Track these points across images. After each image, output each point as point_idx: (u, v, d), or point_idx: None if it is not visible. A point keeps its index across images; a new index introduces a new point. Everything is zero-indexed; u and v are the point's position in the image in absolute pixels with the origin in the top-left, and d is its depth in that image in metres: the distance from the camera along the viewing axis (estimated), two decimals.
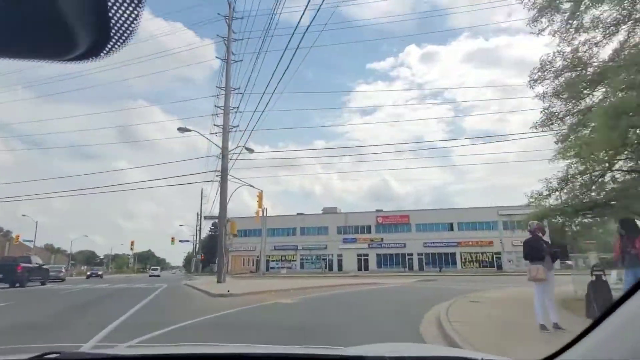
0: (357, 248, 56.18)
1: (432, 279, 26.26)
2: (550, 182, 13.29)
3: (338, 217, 58.96)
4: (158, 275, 54.77)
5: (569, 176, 11.81)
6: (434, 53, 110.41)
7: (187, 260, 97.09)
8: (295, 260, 58.53)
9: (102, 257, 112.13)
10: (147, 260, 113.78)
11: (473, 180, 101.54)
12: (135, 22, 0.52)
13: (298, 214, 61.82)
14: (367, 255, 55.84)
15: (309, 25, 13.59)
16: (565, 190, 12.91)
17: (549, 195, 12.22)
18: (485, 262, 51.50)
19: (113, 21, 0.51)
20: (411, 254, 54.08)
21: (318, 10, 12.64)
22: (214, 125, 23.27)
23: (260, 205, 25.10)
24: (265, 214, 49.93)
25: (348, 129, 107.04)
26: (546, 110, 11.77)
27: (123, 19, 0.51)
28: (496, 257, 51.28)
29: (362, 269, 54.71)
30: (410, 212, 56.58)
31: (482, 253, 51.98)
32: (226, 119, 21.76)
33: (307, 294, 14.44)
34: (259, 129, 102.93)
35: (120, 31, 0.53)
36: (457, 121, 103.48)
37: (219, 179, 21.87)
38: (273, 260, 58.84)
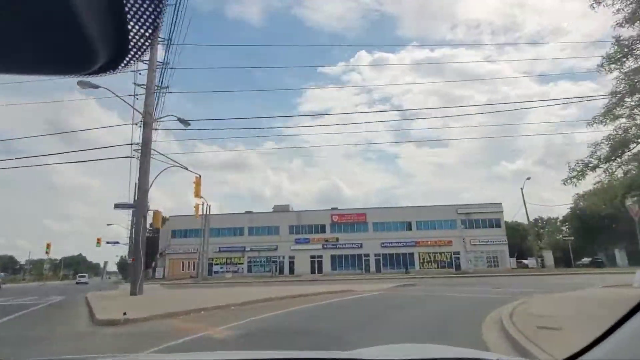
0: (310, 249, 51.81)
1: (410, 282, 22.16)
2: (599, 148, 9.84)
3: (290, 216, 54.22)
4: (86, 283, 50.82)
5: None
6: (384, 59, 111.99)
7: (121, 265, 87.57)
8: (243, 263, 52.86)
9: (22, 262, 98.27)
10: (77, 266, 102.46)
11: (417, 184, 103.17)
12: (154, 33, 0.52)
13: (246, 212, 56.23)
14: (321, 256, 51.64)
15: None
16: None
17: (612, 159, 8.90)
18: (444, 263, 49.40)
19: (132, 34, 0.52)
20: (368, 255, 50.72)
21: None
22: (134, 84, 17.65)
23: (197, 194, 19.78)
24: (207, 211, 43.97)
25: (299, 131, 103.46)
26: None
27: (141, 32, 0.52)
28: (455, 257, 49.37)
29: (316, 271, 50.42)
30: (367, 211, 53.29)
31: (440, 253, 49.84)
32: (151, 76, 16.31)
33: (256, 312, 9.61)
34: (207, 128, 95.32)
35: (139, 43, 0.53)
36: (404, 126, 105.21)
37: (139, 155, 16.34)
38: (217, 264, 52.69)
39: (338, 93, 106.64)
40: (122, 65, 0.57)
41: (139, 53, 0.55)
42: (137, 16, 0.50)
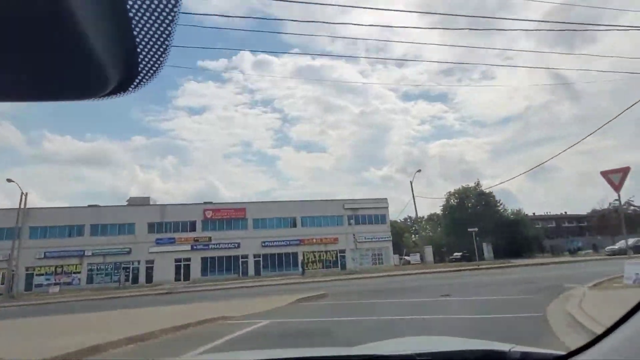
0: (175, 251, 42.59)
1: (318, 293, 13.78)
2: None
3: (151, 211, 43.98)
4: None
5: None
6: (267, 62, 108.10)
7: None
8: (80, 272, 40.56)
9: None
10: None
11: (296, 188, 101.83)
12: (163, 56, 0.53)
13: (90, 205, 43.76)
14: (189, 259, 42.85)
15: None
16: None
17: None
18: (329, 262, 45.69)
19: (141, 56, 0.53)
20: (246, 256, 43.93)
21: None
22: None
23: None
24: (23, 203, 31.71)
25: (174, 126, 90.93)
26: None
27: (150, 54, 0.53)
28: (340, 256, 46.07)
29: (182, 277, 41.50)
30: (247, 205, 46.42)
31: (326, 252, 45.99)
32: None
33: None
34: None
35: (149, 65, 0.54)
36: (284, 129, 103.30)
37: None
38: (40, 274, 39.32)
39: (219, 90, 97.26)
40: (132, 87, 0.57)
41: (149, 75, 0.55)
42: (146, 39, 0.51)
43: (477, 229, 24.39)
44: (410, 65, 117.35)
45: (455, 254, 51.86)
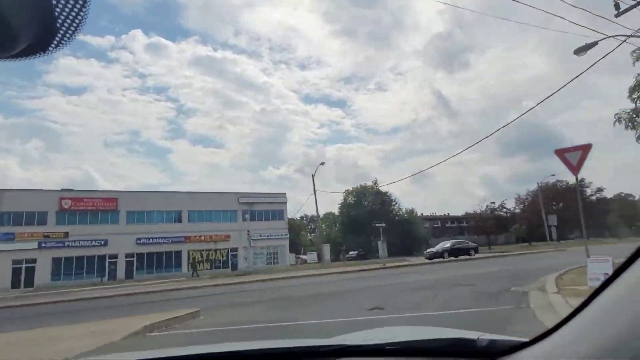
0: (15, 250, 33.11)
1: (184, 312, 8.61)
2: None
3: None
4: None
5: None
6: (162, 47, 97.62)
7: None
8: None
9: None
10: None
11: (190, 183, 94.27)
12: (83, 9, 0.51)
13: None
14: (34, 261, 33.78)
15: None
16: None
17: None
18: (219, 262, 40.73)
19: (58, 10, 0.50)
20: (115, 256, 36.46)
21: None
22: None
23: None
24: None
25: (43, 105, 75.01)
26: None
27: (68, 9, 0.50)
28: (232, 255, 41.44)
29: (22, 284, 32.40)
30: (119, 195, 38.73)
31: (215, 250, 40.88)
32: None
33: None
34: None
35: (67, 22, 0.51)
36: (179, 121, 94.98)
37: None
38: None
39: (104, 71, 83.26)
40: (53, 46, 0.53)
41: (70, 31, 0.52)
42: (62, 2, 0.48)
43: (383, 225, 22.87)
44: (313, 69, 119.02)
45: (351, 252, 51.34)
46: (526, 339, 1.00)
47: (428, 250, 29.57)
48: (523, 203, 56.34)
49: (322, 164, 35.35)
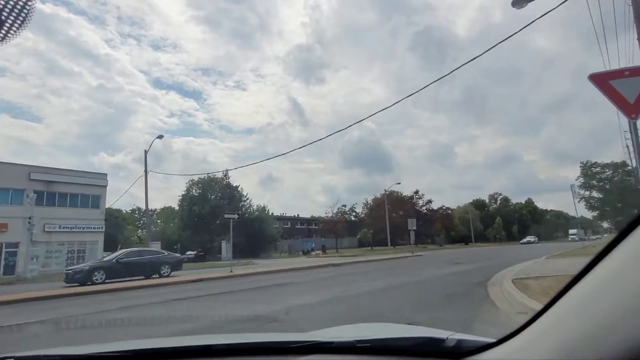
0: None
1: None
2: None
3: None
4: None
5: None
6: None
7: None
8: None
9: None
10: None
11: None
12: (28, 4, 0.43)
13: None
14: None
15: None
16: None
17: None
18: None
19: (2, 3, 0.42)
20: None
21: None
22: None
23: None
24: None
25: None
26: None
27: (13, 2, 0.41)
28: (8, 253, 29.06)
29: None
30: None
31: None
32: None
33: None
34: None
35: (13, 15, 0.45)
36: None
37: None
38: None
39: None
40: None
41: (16, 24, 0.46)
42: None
43: (235, 216, 17.35)
44: (168, 52, 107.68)
45: (189, 252, 43.53)
46: (494, 339, 1.00)
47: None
48: (370, 209, 58.08)
49: (160, 137, 27.40)
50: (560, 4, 8.75)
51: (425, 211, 65.88)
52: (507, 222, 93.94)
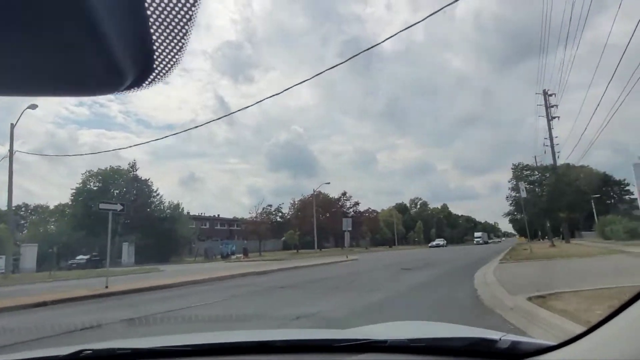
0: None
1: None
2: None
3: None
4: None
5: None
6: None
7: None
8: None
9: None
10: None
11: None
12: (179, 53, 0.53)
13: None
14: None
15: None
16: None
17: None
18: None
19: (157, 53, 0.52)
20: None
21: None
22: None
23: None
24: None
25: None
26: None
27: (167, 50, 0.52)
28: None
29: None
30: None
31: None
32: None
33: None
34: None
35: (164, 63, 0.54)
36: None
37: None
38: None
39: None
40: (147, 83, 0.57)
41: (164, 72, 0.54)
42: (163, 37, 0.50)
43: (117, 208, 12.34)
44: None
45: (80, 257, 36.09)
46: (552, 343, 0.98)
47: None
48: (297, 209, 54.80)
49: (34, 107, 20.93)
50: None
51: (353, 213, 64.62)
52: (425, 226, 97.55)
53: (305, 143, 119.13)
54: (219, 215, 62.95)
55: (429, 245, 65.16)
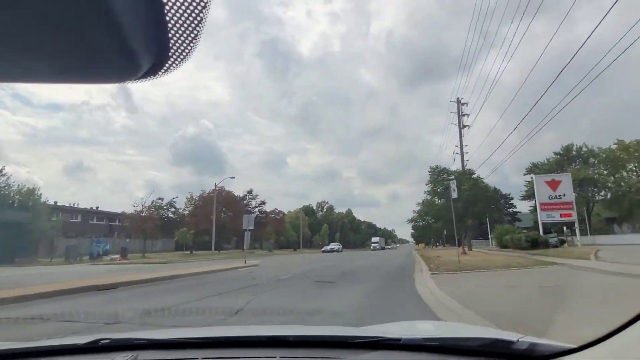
0: None
1: None
2: None
3: None
4: None
5: None
6: None
7: None
8: None
9: None
10: None
11: None
12: (194, 41, 0.54)
13: None
14: None
15: None
16: None
17: None
18: None
19: (173, 41, 0.53)
20: None
21: None
22: None
23: None
24: None
25: None
26: None
27: (182, 39, 0.53)
28: None
29: None
30: None
31: None
32: None
33: None
34: None
35: (179, 51, 0.54)
36: None
37: None
38: None
39: None
40: (162, 71, 0.57)
41: (179, 60, 0.55)
42: (179, 24, 0.51)
43: None
44: None
45: None
46: (572, 345, 0.97)
47: None
48: (194, 205, 48.50)
49: None
50: None
51: (258, 213, 60.17)
52: (331, 230, 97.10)
53: (215, 139, 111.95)
54: (97, 207, 53.04)
55: (322, 250, 59.97)
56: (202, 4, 0.49)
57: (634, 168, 43.53)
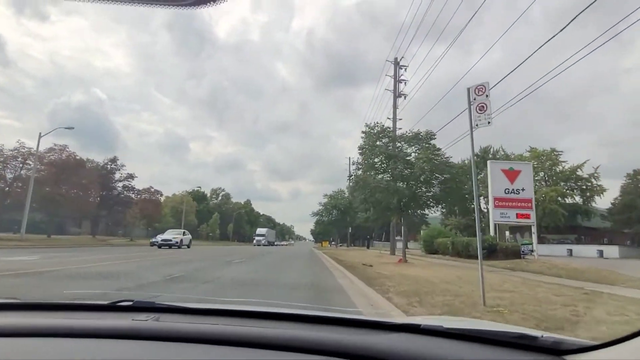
0: None
1: None
2: None
3: None
4: None
5: None
6: None
7: None
8: None
9: None
10: None
11: None
12: None
13: None
14: None
15: None
16: None
17: None
18: None
19: None
20: None
21: None
22: None
23: None
24: None
25: None
26: None
27: None
28: None
29: None
30: None
31: None
32: None
33: None
34: None
35: None
36: None
37: None
38: None
39: None
40: None
41: None
42: None
43: None
44: None
45: None
46: (595, 342, 0.99)
47: None
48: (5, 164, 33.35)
49: None
50: None
51: (122, 189, 46.12)
52: (224, 220, 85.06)
53: (107, 113, 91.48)
54: None
55: (151, 241, 32.90)
56: None
57: (545, 177, 41.78)
